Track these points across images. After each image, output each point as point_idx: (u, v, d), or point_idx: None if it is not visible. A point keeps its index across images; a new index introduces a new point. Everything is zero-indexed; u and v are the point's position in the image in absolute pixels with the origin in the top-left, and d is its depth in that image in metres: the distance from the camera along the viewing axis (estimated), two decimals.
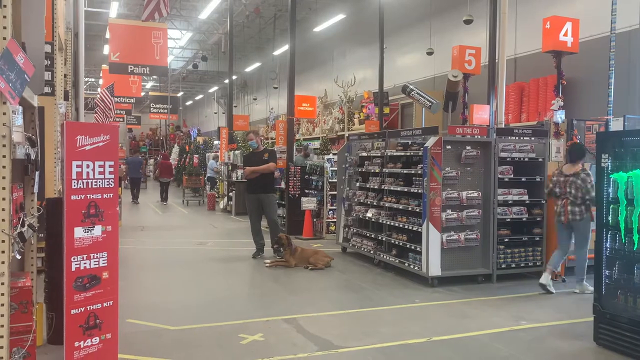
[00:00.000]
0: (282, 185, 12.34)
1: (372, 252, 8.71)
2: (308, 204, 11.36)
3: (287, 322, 5.61)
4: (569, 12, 10.81)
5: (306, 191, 11.88)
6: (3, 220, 3.01)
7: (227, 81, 20.35)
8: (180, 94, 40.41)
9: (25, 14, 3.96)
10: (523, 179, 7.74)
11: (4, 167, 3.01)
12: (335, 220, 11.05)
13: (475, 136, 7.65)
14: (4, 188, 3.01)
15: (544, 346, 5.04)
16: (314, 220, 11.58)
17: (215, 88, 39.09)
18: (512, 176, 7.67)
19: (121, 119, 25.06)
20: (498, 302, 6.58)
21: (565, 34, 9.38)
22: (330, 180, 11.58)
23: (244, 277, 8.21)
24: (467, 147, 7.43)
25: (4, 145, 3.01)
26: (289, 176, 11.82)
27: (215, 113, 39.51)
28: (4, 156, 3.01)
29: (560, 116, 8.64)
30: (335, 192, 10.81)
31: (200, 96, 46.70)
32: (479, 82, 12.93)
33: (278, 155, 12.60)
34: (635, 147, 4.81)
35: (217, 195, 18.28)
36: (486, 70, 11.96)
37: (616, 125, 8.77)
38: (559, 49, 9.63)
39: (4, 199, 3.01)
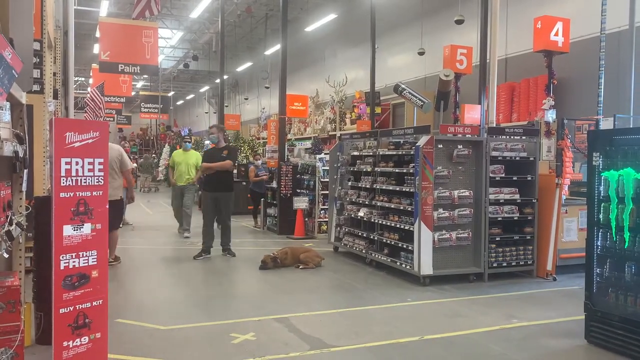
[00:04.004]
0: (274, 184, 12.30)
1: (364, 251, 8.70)
2: (300, 203, 11.33)
3: (279, 321, 5.58)
4: (559, 12, 10.85)
5: (298, 190, 11.86)
6: None
7: (218, 81, 20.26)
8: (171, 93, 40.26)
9: (13, 9, 3.90)
10: (514, 178, 7.76)
11: None
12: (327, 219, 11.03)
13: (467, 135, 7.66)
14: None
15: (536, 344, 5.05)
16: (306, 219, 11.55)
17: (206, 88, 38.94)
18: (503, 175, 7.68)
19: (111, 119, 24.92)
20: (490, 300, 6.60)
21: (556, 34, 9.43)
22: (322, 179, 11.56)
23: (235, 277, 8.17)
24: (459, 146, 7.43)
25: None
26: (281, 175, 11.79)
27: (207, 113, 39.36)
28: None
29: (551, 115, 8.68)
30: (327, 192, 10.79)
31: (191, 96, 46.51)
32: (470, 81, 12.97)
33: (269, 155, 12.58)
34: (625, 145, 4.82)
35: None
36: (477, 70, 11.99)
37: (606, 124, 8.83)
38: (550, 49, 9.68)
39: None
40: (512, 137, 7.90)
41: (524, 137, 7.95)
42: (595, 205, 5.03)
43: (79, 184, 3.61)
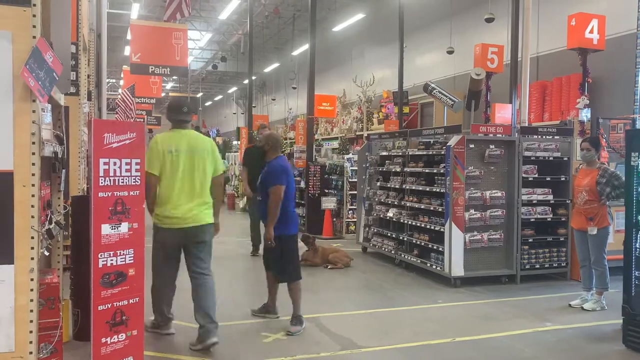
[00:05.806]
0: (302, 184, 12.34)
1: (393, 252, 8.66)
2: (328, 203, 11.35)
3: (309, 321, 5.58)
4: (592, 9, 10.61)
5: (326, 190, 11.87)
6: (33, 216, 3.04)
7: (246, 82, 20.44)
8: (199, 94, 40.70)
9: (54, 13, 4.00)
10: (547, 179, 7.63)
11: (33, 164, 3.03)
12: (355, 220, 11.01)
13: (499, 135, 7.55)
14: (33, 185, 3.03)
15: (570, 348, 4.96)
16: (334, 219, 11.56)
17: (234, 89, 39.26)
18: (536, 175, 7.55)
19: (142, 120, 25.29)
20: (522, 303, 6.49)
21: (591, 31, 9.24)
22: (350, 179, 11.55)
23: (264, 276, 8.18)
24: (491, 146, 7.34)
25: (33, 143, 3.03)
26: (309, 176, 11.82)
27: (234, 113, 39.68)
28: (33, 153, 3.04)
29: (585, 115, 8.50)
30: (355, 192, 10.77)
31: (220, 97, 46.95)
32: (501, 80, 12.78)
33: (298, 155, 12.63)
34: None
35: (236, 195, 18.36)
36: (508, 68, 11.81)
37: None
38: (584, 47, 9.48)
39: (33, 195, 3.03)
40: (545, 136, 7.76)
41: (557, 137, 7.81)
42: (634, 206, 4.91)
43: (117, 183, 3.67)
